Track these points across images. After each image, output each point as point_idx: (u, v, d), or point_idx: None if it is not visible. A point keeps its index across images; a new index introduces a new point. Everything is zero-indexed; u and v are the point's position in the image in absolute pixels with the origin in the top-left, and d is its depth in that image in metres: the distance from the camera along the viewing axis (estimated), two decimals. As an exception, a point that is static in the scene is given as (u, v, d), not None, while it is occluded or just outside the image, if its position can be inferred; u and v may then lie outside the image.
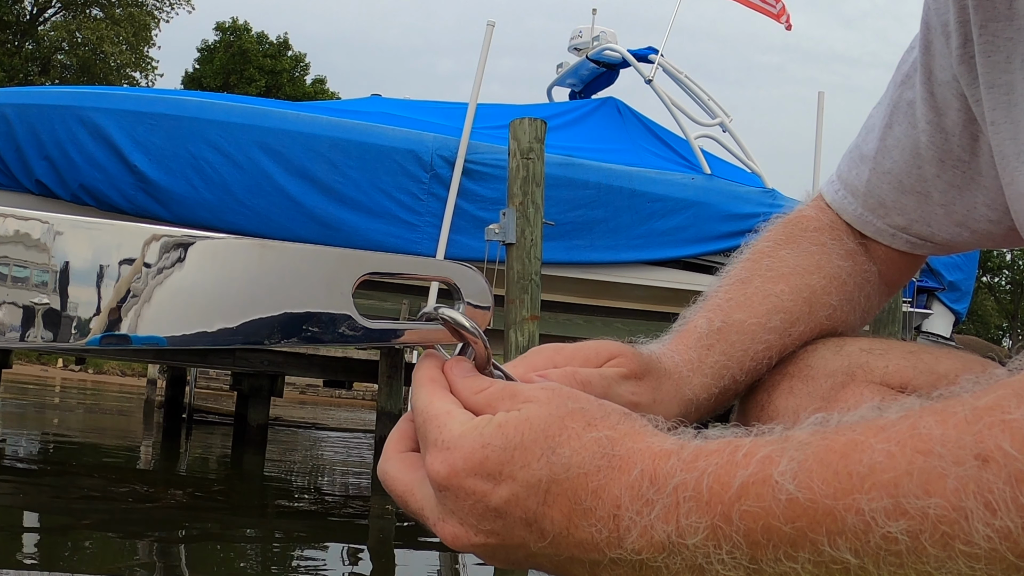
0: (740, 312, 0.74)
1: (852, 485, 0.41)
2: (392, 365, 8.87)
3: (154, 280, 0.51)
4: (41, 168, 5.98)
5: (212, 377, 19.23)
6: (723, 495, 0.44)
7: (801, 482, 0.43)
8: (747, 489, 0.44)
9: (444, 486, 0.51)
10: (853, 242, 0.82)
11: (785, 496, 0.43)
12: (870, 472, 0.41)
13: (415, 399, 0.56)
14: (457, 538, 0.52)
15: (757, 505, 0.43)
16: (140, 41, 32.45)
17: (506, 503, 0.50)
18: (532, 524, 0.50)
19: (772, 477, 0.43)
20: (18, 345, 0.48)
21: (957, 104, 0.71)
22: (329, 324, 0.55)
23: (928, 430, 0.41)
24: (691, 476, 0.46)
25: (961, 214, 0.76)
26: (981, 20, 0.64)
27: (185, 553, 4.92)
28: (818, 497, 0.42)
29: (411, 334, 0.59)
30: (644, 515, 0.47)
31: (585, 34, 8.68)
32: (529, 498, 0.49)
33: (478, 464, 0.50)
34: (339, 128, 6.37)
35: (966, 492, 0.39)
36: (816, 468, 0.43)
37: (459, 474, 0.50)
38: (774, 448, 0.45)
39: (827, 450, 0.43)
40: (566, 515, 0.49)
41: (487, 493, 0.50)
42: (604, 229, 6.83)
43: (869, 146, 0.81)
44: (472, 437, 0.51)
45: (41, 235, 0.48)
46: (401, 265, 0.59)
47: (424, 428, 0.54)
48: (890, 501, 0.40)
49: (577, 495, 0.49)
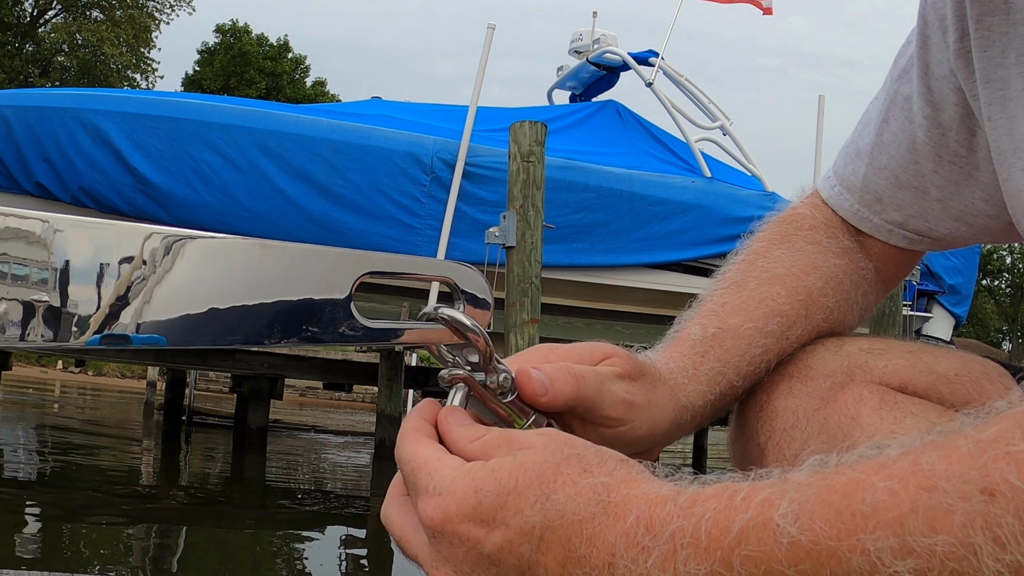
0: (735, 317, 0.73)
1: (856, 525, 0.40)
2: (392, 367, 8.87)
3: (154, 280, 0.51)
4: (41, 170, 5.98)
5: (212, 379, 19.23)
6: (722, 540, 0.43)
7: (803, 524, 0.42)
8: (747, 533, 0.43)
9: (438, 532, 0.51)
10: (849, 239, 0.81)
11: (787, 539, 0.42)
12: (874, 511, 0.40)
13: (399, 451, 0.56)
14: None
15: (758, 550, 0.42)
16: (140, 43, 32.45)
17: (500, 550, 0.49)
18: (526, 571, 0.49)
19: (773, 520, 0.42)
20: (18, 345, 0.48)
21: (954, 99, 0.71)
22: (329, 324, 0.55)
23: (931, 466, 0.40)
24: (688, 522, 0.45)
25: (959, 209, 0.76)
26: (977, 14, 0.64)
27: (185, 554, 4.91)
28: (821, 539, 0.41)
29: (411, 334, 0.59)
30: (640, 563, 0.46)
31: (586, 37, 8.69)
32: (523, 545, 0.49)
33: (471, 510, 0.50)
34: (339, 131, 6.38)
35: (974, 528, 0.38)
36: (818, 509, 0.42)
37: (452, 520, 0.50)
38: (773, 491, 0.44)
39: (828, 490, 0.42)
40: (560, 563, 0.48)
41: (481, 539, 0.49)
42: (604, 232, 6.83)
43: (865, 141, 0.80)
44: (465, 482, 0.51)
45: (41, 234, 0.48)
46: (401, 265, 0.59)
47: (413, 476, 0.53)
48: (896, 540, 0.39)
49: (571, 542, 0.48)
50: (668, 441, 0.70)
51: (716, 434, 14.65)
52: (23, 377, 29.90)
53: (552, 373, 0.61)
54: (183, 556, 4.88)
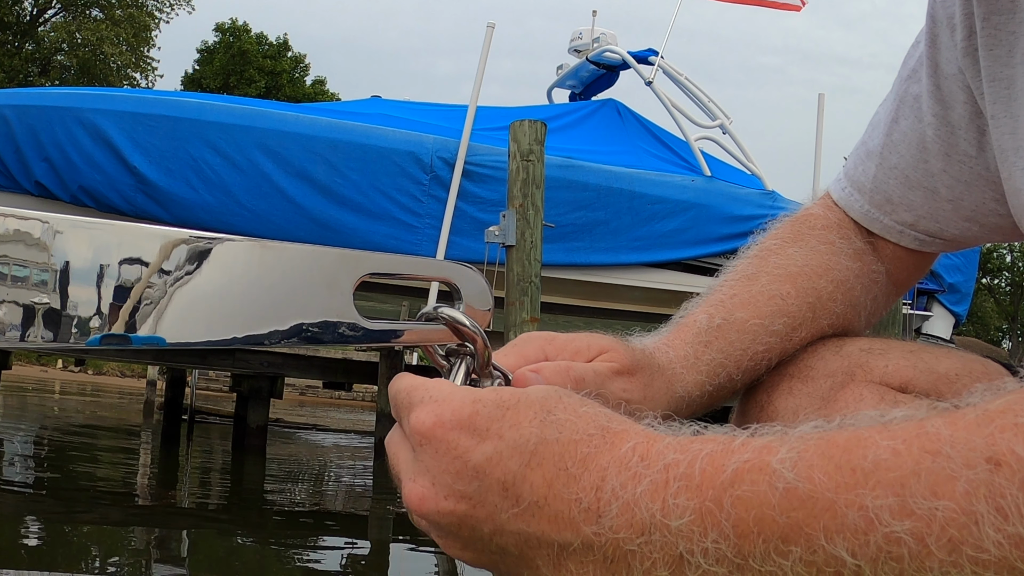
0: (743, 311, 0.73)
1: (856, 480, 0.39)
2: (392, 367, 8.86)
3: (154, 280, 0.51)
4: (40, 169, 5.97)
5: (212, 378, 19.22)
6: (716, 479, 0.42)
7: (800, 472, 0.40)
8: (742, 475, 0.42)
9: (427, 438, 0.49)
10: (861, 241, 0.81)
11: (783, 485, 0.41)
12: (875, 469, 0.39)
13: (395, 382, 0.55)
14: (424, 500, 0.49)
15: (751, 491, 0.41)
16: (140, 42, 32.44)
17: (488, 461, 0.47)
18: (509, 489, 0.47)
19: (770, 464, 0.41)
20: (18, 345, 0.48)
21: (963, 97, 0.71)
22: (329, 324, 0.55)
23: (937, 430, 0.39)
24: (684, 456, 0.44)
25: (970, 209, 0.75)
26: (984, 13, 0.64)
27: (185, 554, 4.92)
28: (818, 489, 0.40)
29: (411, 334, 0.59)
30: (629, 489, 0.44)
31: (585, 36, 8.68)
32: (513, 458, 0.47)
33: (467, 418, 0.48)
34: (339, 130, 6.37)
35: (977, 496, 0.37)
36: (817, 460, 0.41)
37: (444, 424, 0.48)
38: (773, 439, 0.43)
39: (829, 443, 0.41)
40: (548, 480, 0.46)
41: (469, 449, 0.48)
42: (604, 231, 6.83)
43: (875, 142, 0.80)
44: (464, 393, 0.50)
45: (41, 235, 0.48)
46: (401, 265, 0.59)
47: (409, 395, 0.52)
48: (895, 500, 0.38)
49: (563, 460, 0.46)
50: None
51: (716, 433, 14.62)
52: (23, 376, 29.90)
53: (550, 376, 0.61)
54: (183, 555, 4.88)
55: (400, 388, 0.54)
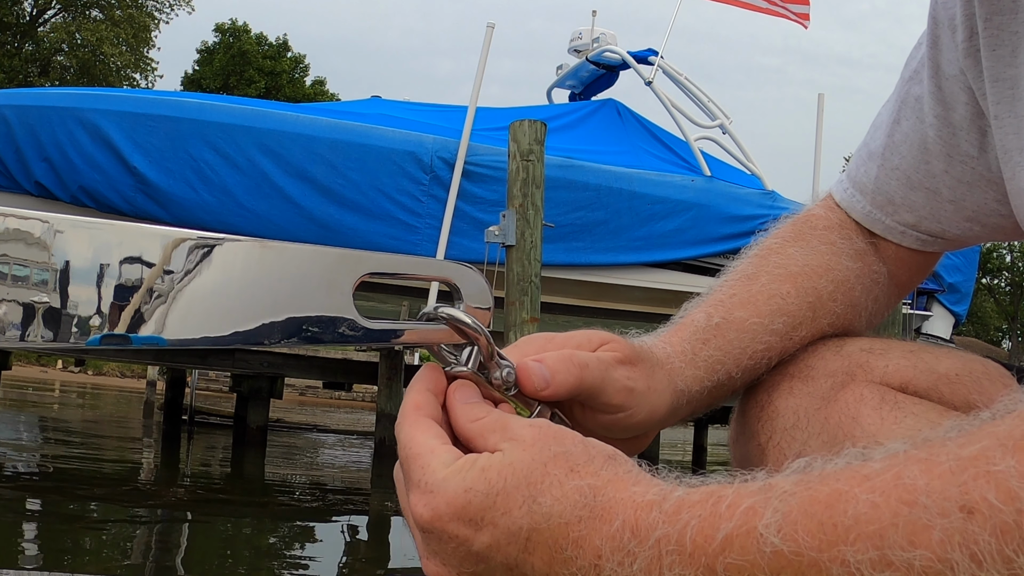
0: (742, 310, 0.73)
1: (837, 536, 0.41)
2: (392, 367, 8.87)
3: (154, 280, 0.51)
4: (40, 170, 5.98)
5: (212, 379, 19.21)
6: (707, 548, 0.44)
7: (786, 534, 0.42)
8: (731, 541, 0.44)
9: (427, 529, 0.52)
10: (863, 242, 0.81)
11: (770, 549, 0.42)
12: (855, 523, 0.41)
13: (399, 429, 0.57)
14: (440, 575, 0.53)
15: (742, 558, 0.43)
16: (140, 42, 32.44)
17: (488, 548, 0.50)
18: (514, 569, 0.50)
19: (757, 529, 0.43)
20: (18, 345, 0.48)
21: (965, 98, 0.71)
22: (329, 324, 0.55)
23: (913, 480, 0.41)
24: (674, 529, 0.46)
25: (971, 209, 0.75)
26: (986, 13, 0.64)
27: (185, 554, 4.92)
28: (803, 549, 0.42)
29: (411, 334, 0.59)
30: (625, 567, 0.46)
31: (585, 36, 8.68)
32: (510, 545, 0.50)
33: (460, 509, 0.51)
34: (339, 130, 6.37)
35: (951, 544, 0.38)
36: (801, 520, 0.42)
37: (442, 519, 0.51)
38: (758, 499, 0.45)
39: (811, 501, 0.43)
40: (547, 562, 0.49)
41: (469, 538, 0.50)
42: (604, 231, 6.83)
43: (877, 143, 0.80)
44: (455, 482, 0.51)
45: (41, 234, 0.48)
46: (401, 265, 0.59)
47: (407, 465, 0.54)
48: (876, 553, 0.40)
49: (558, 544, 0.49)
50: (663, 426, 0.70)
51: (716, 433, 14.65)
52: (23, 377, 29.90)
53: (554, 364, 0.61)
54: (183, 555, 4.88)
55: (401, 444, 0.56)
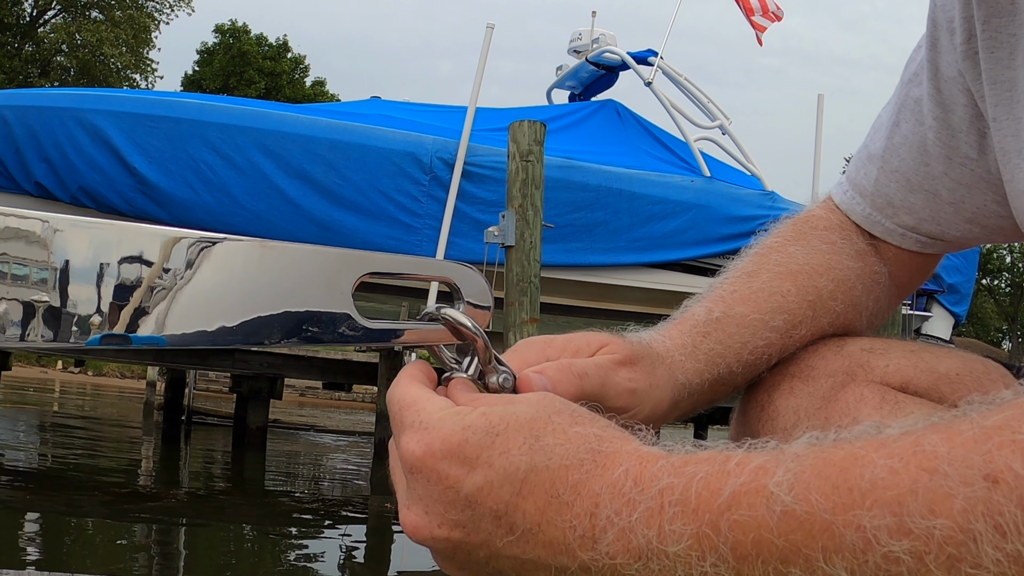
0: (743, 306, 0.73)
1: (853, 500, 0.39)
2: (392, 367, 8.86)
3: (154, 280, 0.51)
4: (40, 170, 5.97)
5: (211, 379, 19.22)
6: (712, 503, 0.42)
7: (798, 494, 0.40)
8: (739, 498, 0.42)
9: (417, 467, 0.49)
10: (863, 243, 0.81)
11: (780, 508, 0.40)
12: (872, 488, 0.39)
13: (391, 392, 0.55)
14: (418, 528, 0.49)
15: (749, 515, 0.41)
16: (140, 43, 32.43)
17: (479, 491, 0.47)
18: (502, 517, 0.47)
19: (767, 487, 0.41)
20: (18, 345, 0.48)
21: (964, 100, 0.71)
22: (329, 324, 0.55)
23: (934, 448, 0.39)
24: (679, 481, 0.44)
25: (971, 211, 0.75)
26: (984, 16, 0.64)
27: (185, 553, 4.91)
28: (816, 511, 0.40)
29: (411, 334, 0.59)
30: (624, 516, 0.44)
31: (585, 36, 8.68)
32: (504, 487, 0.47)
33: (456, 446, 0.48)
34: (338, 130, 6.37)
35: (975, 514, 0.37)
36: (814, 481, 0.41)
37: (435, 455, 0.48)
38: (768, 459, 0.43)
39: (826, 463, 0.41)
40: (540, 508, 0.46)
41: (460, 479, 0.47)
42: (603, 231, 6.83)
43: (876, 145, 0.80)
44: (453, 420, 0.49)
45: (41, 234, 0.48)
46: (401, 265, 0.59)
47: (400, 414, 0.52)
48: (893, 520, 0.38)
49: (555, 487, 0.46)
50: (665, 420, 0.69)
51: (716, 434, 14.65)
52: (23, 377, 29.89)
53: (554, 375, 0.60)
54: (183, 555, 4.88)
55: (393, 400, 0.53)
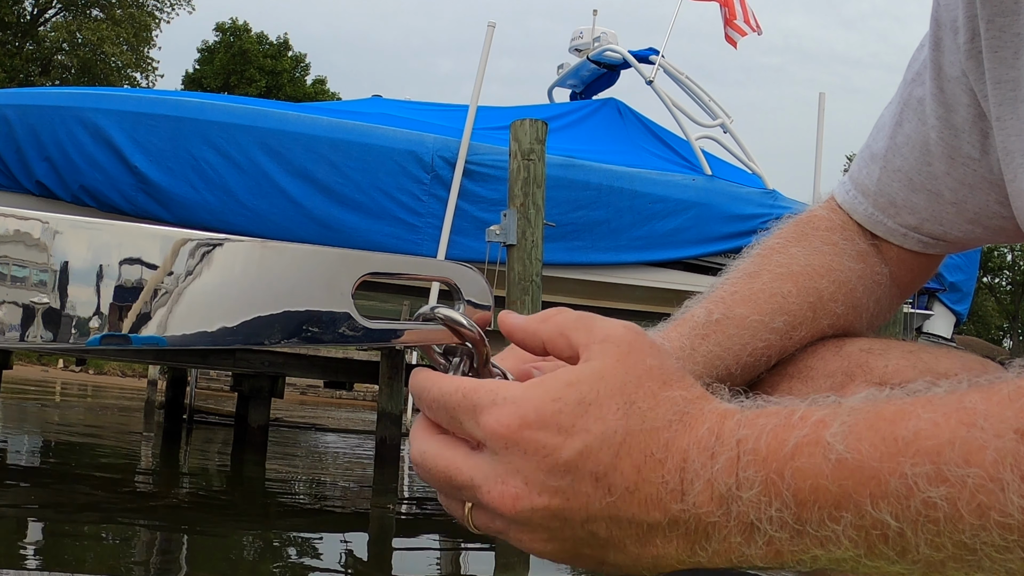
0: (743, 307, 0.74)
1: (897, 449, 0.43)
2: (393, 366, 8.86)
3: (154, 280, 0.51)
4: (41, 169, 5.98)
5: (213, 378, 19.22)
6: (779, 452, 0.46)
7: (850, 444, 0.44)
8: (800, 448, 0.46)
9: (511, 440, 0.49)
10: (865, 243, 0.81)
11: (835, 456, 0.44)
12: (915, 438, 0.43)
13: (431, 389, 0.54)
14: (518, 499, 0.49)
15: (808, 463, 0.45)
16: (140, 42, 32.45)
17: (579, 455, 0.48)
18: (601, 479, 0.49)
19: (824, 438, 0.45)
20: (18, 345, 0.48)
21: (966, 100, 0.71)
22: (329, 324, 0.55)
23: (973, 405, 0.43)
24: (751, 432, 0.48)
25: (973, 211, 0.75)
26: (988, 15, 0.64)
27: (186, 554, 4.92)
28: (865, 459, 0.44)
29: (411, 334, 0.59)
30: (708, 467, 0.48)
31: (586, 35, 8.68)
32: (603, 450, 0.49)
33: (550, 416, 0.49)
34: (340, 129, 6.37)
35: (1004, 464, 0.40)
36: (865, 432, 0.44)
37: (530, 426, 0.49)
38: (828, 412, 0.47)
39: (877, 416, 0.45)
40: (637, 467, 0.49)
41: (558, 447, 0.48)
42: (605, 230, 6.83)
43: (879, 145, 0.80)
44: (541, 391, 0.49)
45: (41, 235, 0.48)
46: (401, 265, 0.59)
47: (468, 399, 0.51)
48: (932, 468, 0.42)
49: (649, 447, 0.49)
50: None
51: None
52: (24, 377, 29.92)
53: None
54: (183, 555, 4.88)
55: (449, 392, 0.52)
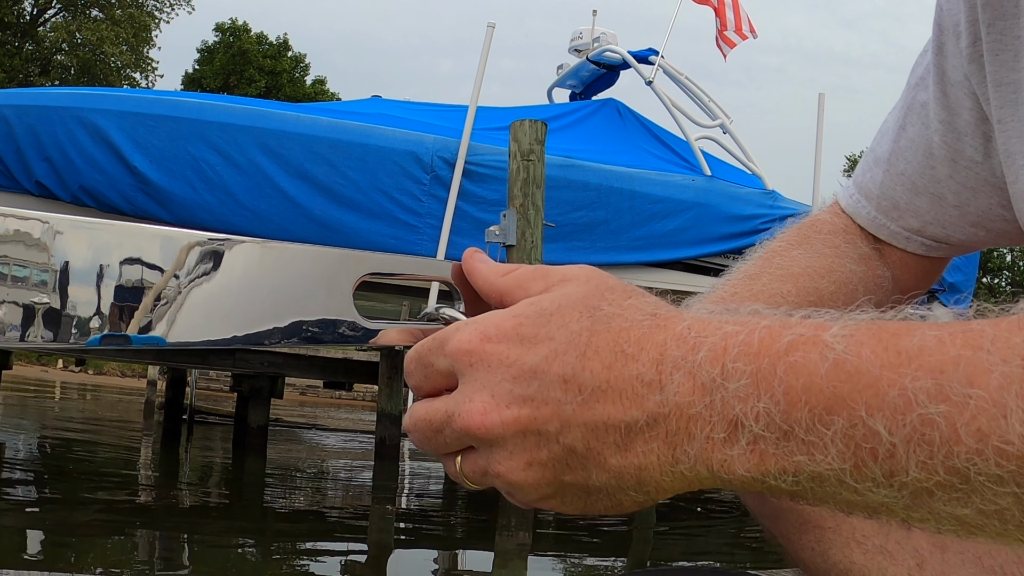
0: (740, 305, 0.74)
1: (899, 361, 0.41)
2: (392, 366, 8.86)
3: (154, 280, 0.51)
4: (41, 169, 5.98)
5: (212, 378, 19.22)
6: (772, 347, 0.44)
7: (850, 348, 0.42)
8: (797, 345, 0.44)
9: (474, 355, 0.48)
10: (868, 247, 0.82)
11: (833, 356, 0.42)
12: (919, 353, 0.41)
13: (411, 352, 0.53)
14: (487, 413, 0.48)
15: (803, 359, 0.43)
16: (140, 42, 32.45)
17: (544, 360, 0.47)
18: (569, 381, 0.47)
19: (822, 338, 0.43)
20: (18, 345, 0.48)
21: (969, 103, 0.71)
22: (329, 324, 0.55)
23: (981, 328, 0.41)
24: (743, 328, 0.45)
25: (976, 215, 0.76)
26: (989, 18, 0.64)
27: (186, 553, 4.92)
28: (864, 365, 0.42)
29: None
30: (689, 358, 0.45)
31: (585, 35, 8.68)
32: (568, 352, 0.47)
33: (511, 329, 0.48)
34: (339, 129, 6.37)
35: (1008, 390, 0.39)
36: (867, 339, 0.43)
37: (491, 339, 0.48)
38: (829, 317, 0.45)
39: (881, 327, 0.43)
40: (607, 364, 0.47)
41: (522, 355, 0.48)
42: (604, 231, 6.83)
43: (883, 149, 0.81)
44: (500, 313, 0.49)
45: (41, 235, 0.48)
46: (401, 265, 0.59)
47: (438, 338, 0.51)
48: (933, 384, 0.40)
49: (619, 344, 0.47)
50: None
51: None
52: (23, 376, 29.90)
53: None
54: (184, 556, 4.88)
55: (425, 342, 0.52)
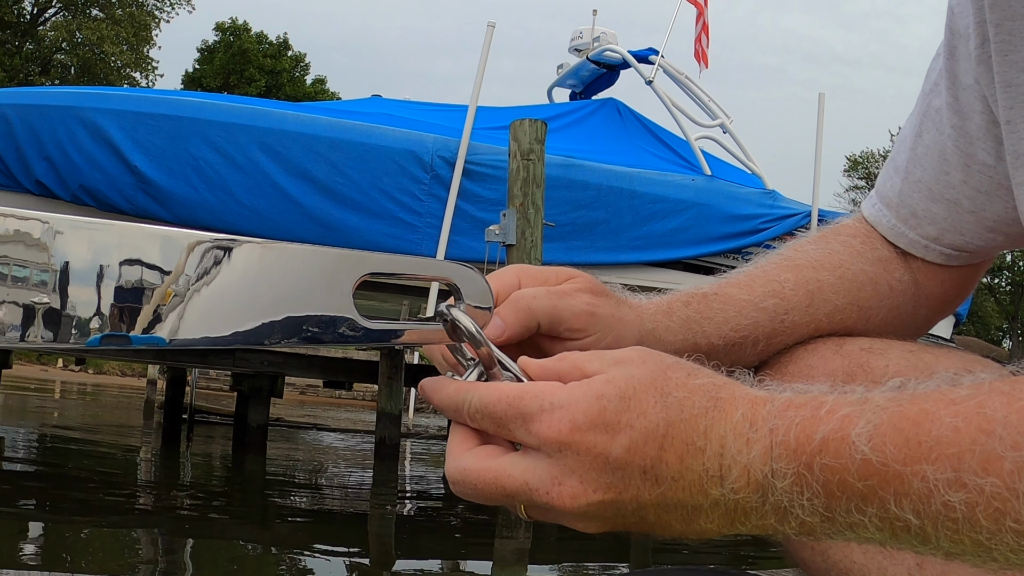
0: (735, 288, 0.76)
1: (920, 454, 0.45)
2: (392, 366, 8.86)
3: (154, 280, 0.51)
4: (41, 168, 5.97)
5: (212, 378, 19.22)
6: (807, 446, 0.48)
7: (875, 445, 0.46)
8: (827, 444, 0.48)
9: (565, 444, 0.51)
10: (888, 251, 0.82)
11: (860, 456, 0.47)
12: (937, 444, 0.45)
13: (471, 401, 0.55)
14: (576, 497, 0.52)
15: (835, 461, 0.47)
16: (140, 41, 32.45)
17: (627, 452, 0.51)
18: (648, 472, 0.51)
19: (850, 437, 0.47)
20: (18, 345, 0.48)
21: (980, 107, 0.71)
22: (329, 324, 0.55)
23: (993, 411, 0.44)
24: (782, 423, 0.50)
25: (992, 220, 0.76)
26: (997, 19, 0.64)
27: (186, 553, 4.92)
28: (889, 461, 0.46)
29: (411, 334, 0.59)
30: (744, 454, 0.50)
31: (585, 35, 8.68)
32: (647, 444, 0.51)
33: (596, 416, 0.51)
34: (339, 129, 6.37)
35: (1019, 475, 0.42)
36: (890, 433, 0.46)
37: (580, 428, 0.51)
38: (854, 408, 0.49)
39: (901, 417, 0.47)
40: (680, 457, 0.51)
41: (607, 445, 0.51)
42: (604, 230, 6.82)
43: (901, 156, 0.81)
44: (584, 392, 0.52)
45: (41, 235, 0.48)
46: (401, 265, 0.59)
47: (515, 406, 0.53)
48: (952, 474, 0.44)
49: (690, 436, 0.51)
50: None
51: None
52: (23, 376, 29.90)
53: (505, 314, 0.64)
54: (184, 556, 4.88)
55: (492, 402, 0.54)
